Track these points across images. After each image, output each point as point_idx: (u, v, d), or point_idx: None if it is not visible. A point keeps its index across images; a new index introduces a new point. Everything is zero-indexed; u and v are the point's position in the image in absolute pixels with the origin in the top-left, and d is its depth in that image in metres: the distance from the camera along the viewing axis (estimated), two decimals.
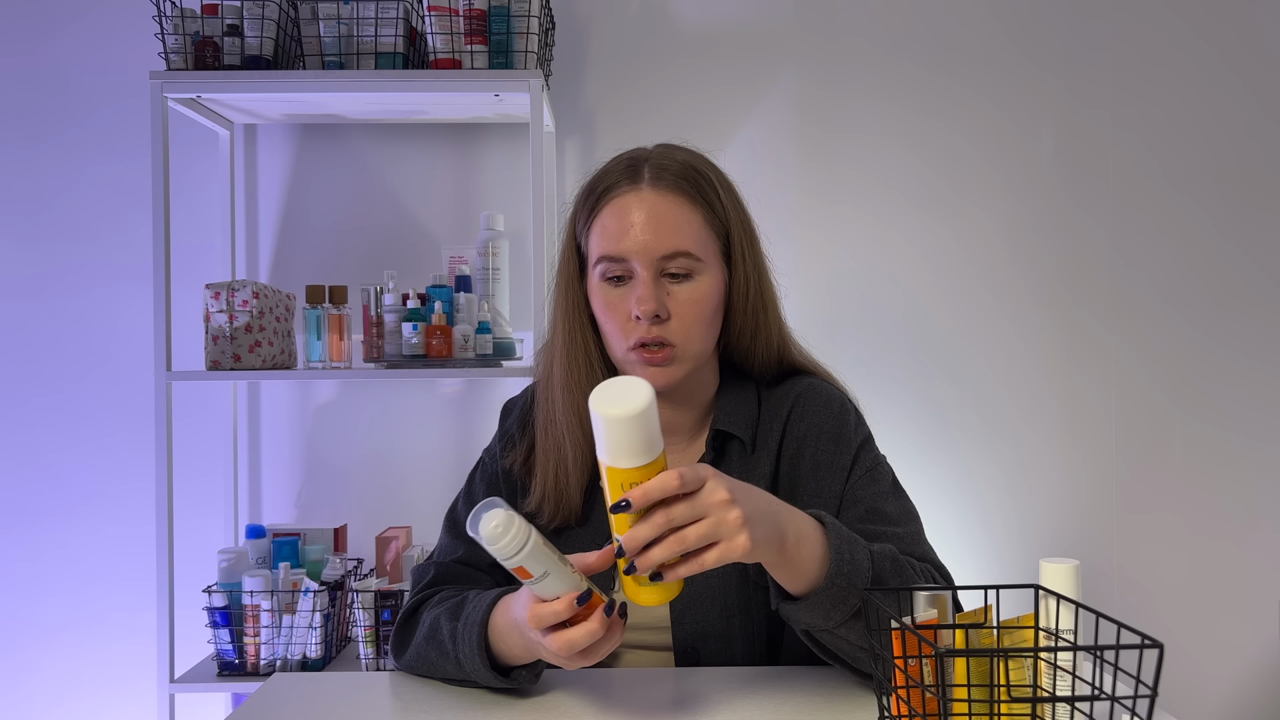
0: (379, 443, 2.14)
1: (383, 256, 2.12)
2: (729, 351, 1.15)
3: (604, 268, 1.05)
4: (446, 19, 1.83)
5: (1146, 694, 0.71)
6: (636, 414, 0.78)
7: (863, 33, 2.15)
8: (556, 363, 1.10)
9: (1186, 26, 2.15)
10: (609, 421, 0.79)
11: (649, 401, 0.79)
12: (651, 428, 0.80)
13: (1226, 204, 2.16)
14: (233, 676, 1.81)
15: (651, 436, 0.80)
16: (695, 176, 1.07)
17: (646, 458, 0.80)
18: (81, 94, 2.12)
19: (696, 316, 1.05)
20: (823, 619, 0.91)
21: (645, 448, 0.80)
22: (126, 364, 2.12)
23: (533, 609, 0.85)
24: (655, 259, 1.03)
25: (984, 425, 2.15)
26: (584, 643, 0.85)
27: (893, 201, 2.14)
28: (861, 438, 1.12)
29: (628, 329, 1.04)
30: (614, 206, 1.05)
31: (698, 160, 1.09)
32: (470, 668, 0.97)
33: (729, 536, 0.82)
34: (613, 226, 1.04)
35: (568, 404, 1.08)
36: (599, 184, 1.08)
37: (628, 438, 0.79)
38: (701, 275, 1.05)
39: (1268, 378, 2.16)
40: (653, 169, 1.06)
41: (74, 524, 2.12)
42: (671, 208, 1.04)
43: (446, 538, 1.15)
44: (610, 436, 0.79)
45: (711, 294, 1.06)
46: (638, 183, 1.05)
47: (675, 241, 1.03)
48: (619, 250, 1.04)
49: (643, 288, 1.03)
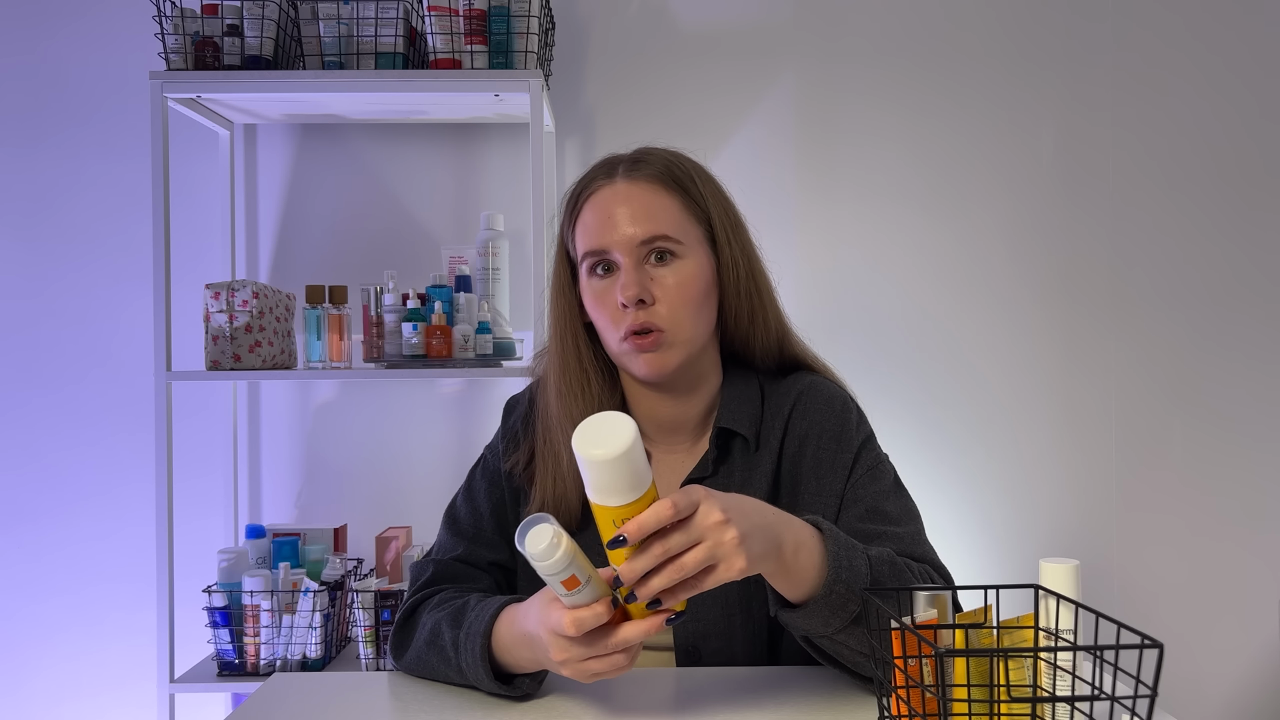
0: (379, 443, 2.14)
1: (383, 256, 2.12)
2: (729, 343, 1.15)
3: (590, 263, 1.07)
4: (446, 19, 1.83)
5: (1146, 694, 0.71)
6: (621, 454, 0.77)
7: (862, 32, 2.15)
8: (551, 368, 1.11)
9: (1186, 27, 2.15)
10: (593, 464, 0.78)
11: (633, 438, 0.78)
12: (637, 463, 0.79)
13: (1226, 204, 2.16)
14: (233, 676, 1.81)
15: (638, 471, 0.79)
16: (670, 167, 1.09)
17: (635, 494, 0.79)
18: (81, 94, 2.12)
19: (683, 299, 1.05)
20: (822, 625, 0.91)
21: (632, 484, 0.79)
22: (126, 364, 2.12)
23: (573, 615, 0.84)
24: (635, 246, 1.04)
25: (984, 425, 2.15)
26: (638, 639, 0.85)
27: (893, 201, 2.14)
28: (863, 436, 1.12)
29: (618, 320, 1.05)
30: (592, 203, 1.07)
31: (673, 155, 1.11)
32: (473, 676, 0.97)
33: (726, 558, 0.82)
34: (592, 222, 1.06)
35: (562, 411, 1.09)
36: (577, 186, 1.11)
37: (614, 477, 0.78)
38: (684, 258, 1.06)
39: (1268, 377, 2.16)
40: (627, 164, 1.09)
41: (74, 524, 2.12)
42: (645, 194, 1.06)
43: (446, 535, 1.14)
44: (597, 477, 0.79)
45: (697, 277, 1.07)
46: (612, 178, 1.08)
47: (652, 227, 1.05)
48: (600, 244, 1.05)
49: (625, 274, 1.04)
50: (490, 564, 1.12)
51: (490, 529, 1.13)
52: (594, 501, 0.81)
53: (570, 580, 0.82)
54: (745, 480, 1.10)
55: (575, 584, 0.82)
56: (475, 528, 1.13)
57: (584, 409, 1.08)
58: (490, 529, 1.13)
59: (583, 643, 0.85)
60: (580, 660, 0.86)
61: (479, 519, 1.13)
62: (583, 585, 0.83)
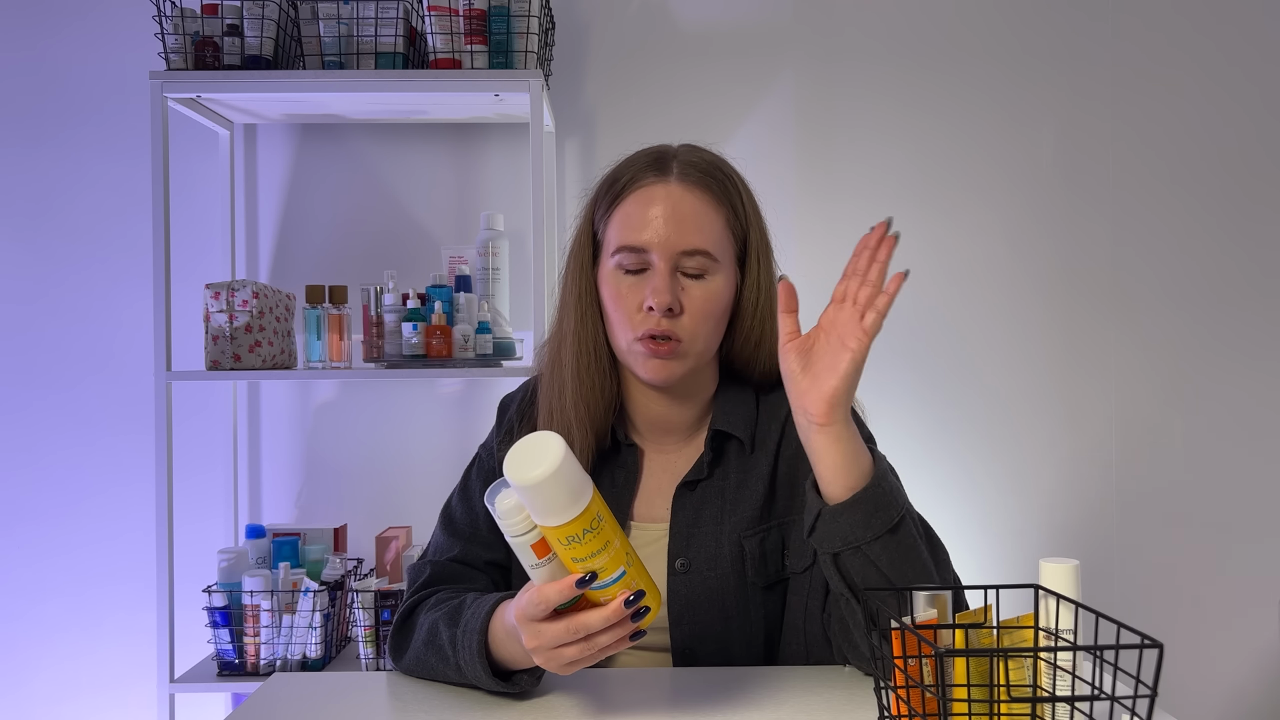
0: (379, 443, 2.14)
1: (383, 256, 2.12)
2: (730, 359, 1.15)
3: (621, 257, 1.05)
4: (446, 19, 1.83)
5: (1146, 694, 0.71)
6: (553, 471, 0.78)
7: (862, 31, 2.15)
8: (566, 349, 1.09)
9: (1187, 24, 2.15)
10: (530, 488, 0.79)
11: (562, 453, 0.79)
12: (573, 477, 0.80)
13: (1227, 201, 2.16)
14: (233, 676, 1.81)
15: (575, 486, 0.80)
16: (722, 177, 1.07)
17: (575, 509, 0.80)
18: (81, 94, 2.12)
19: (707, 314, 1.05)
20: (863, 528, 0.91)
21: (571, 500, 0.80)
22: (126, 364, 2.12)
23: (539, 590, 0.84)
24: (674, 253, 1.03)
25: (984, 425, 2.15)
26: (598, 626, 0.84)
27: (893, 199, 2.14)
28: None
29: (635, 320, 1.04)
30: (638, 196, 1.05)
31: (724, 163, 1.10)
32: (471, 674, 0.97)
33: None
34: (635, 216, 1.04)
35: (577, 392, 1.08)
36: (624, 173, 1.08)
37: (550, 496, 0.79)
38: (715, 276, 1.05)
39: (1268, 376, 2.16)
40: (681, 164, 1.06)
41: (74, 524, 2.12)
42: (696, 204, 1.05)
43: (442, 535, 1.14)
44: (536, 499, 0.80)
45: (723, 295, 1.06)
46: (665, 176, 1.05)
47: (696, 239, 1.04)
48: (640, 241, 1.04)
49: (659, 279, 1.03)
50: (487, 563, 1.12)
51: (486, 529, 1.12)
52: (540, 524, 0.82)
53: (540, 545, 0.83)
54: (741, 483, 1.10)
55: (545, 551, 0.83)
56: (471, 527, 1.13)
57: (595, 392, 1.08)
58: (486, 529, 1.12)
59: (552, 626, 0.85)
60: (551, 647, 0.86)
61: (474, 519, 1.13)
62: (552, 555, 0.84)
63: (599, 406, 1.08)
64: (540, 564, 0.85)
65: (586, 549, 0.82)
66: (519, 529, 0.83)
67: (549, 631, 0.85)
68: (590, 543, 0.82)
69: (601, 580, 0.83)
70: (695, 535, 1.09)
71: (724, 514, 1.09)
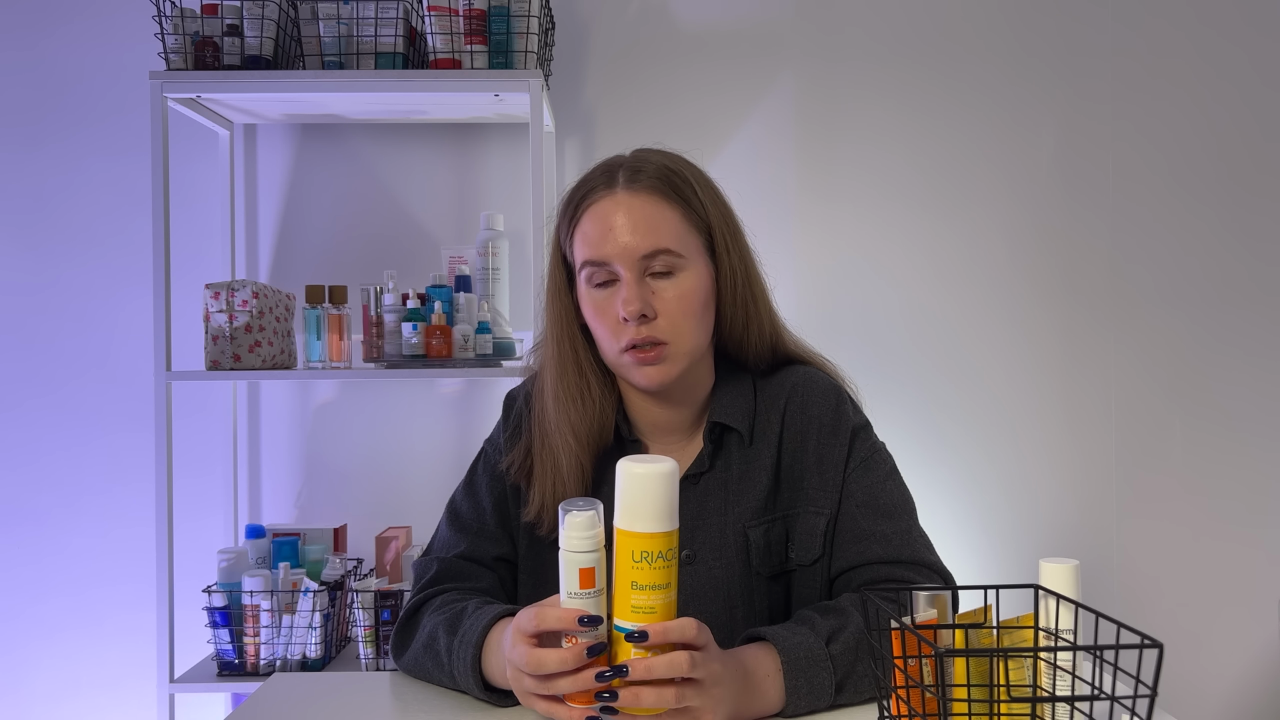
0: (379, 443, 2.14)
1: (383, 256, 2.12)
2: (723, 345, 1.15)
3: (588, 273, 1.06)
4: (446, 19, 1.83)
5: (1146, 694, 0.71)
6: (674, 469, 0.80)
7: (862, 31, 2.15)
8: (547, 372, 1.11)
9: (1187, 25, 2.15)
10: (649, 477, 0.80)
11: (675, 467, 0.81)
12: (675, 497, 0.81)
13: (1227, 201, 2.16)
14: (232, 676, 1.81)
15: (675, 504, 0.82)
16: (669, 175, 1.07)
17: (669, 524, 0.81)
18: (81, 94, 2.12)
19: (684, 312, 1.05)
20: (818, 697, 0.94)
21: (669, 513, 0.81)
22: (126, 364, 2.12)
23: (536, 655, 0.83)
24: (637, 259, 1.03)
25: (984, 425, 2.15)
26: (553, 668, 0.83)
27: (893, 199, 2.14)
28: (857, 425, 1.13)
29: (618, 331, 1.05)
30: (592, 212, 1.06)
31: (672, 160, 1.10)
32: (465, 685, 0.97)
33: (704, 708, 0.85)
34: (593, 232, 1.05)
35: (559, 414, 1.09)
36: (577, 192, 1.09)
37: (655, 499, 0.80)
38: (685, 271, 1.06)
39: (1268, 376, 2.16)
40: (627, 172, 1.07)
41: (74, 524, 2.12)
42: (647, 207, 1.05)
43: (448, 531, 1.14)
44: (644, 495, 0.80)
45: (698, 289, 1.06)
46: (613, 186, 1.06)
47: (654, 240, 1.04)
48: (601, 254, 1.04)
49: (627, 289, 1.03)
50: (494, 559, 1.12)
51: (493, 523, 1.12)
52: (621, 528, 0.81)
53: (588, 574, 0.82)
54: (743, 474, 1.11)
55: (590, 584, 0.82)
56: (478, 522, 1.13)
57: (583, 414, 1.08)
58: (493, 523, 1.12)
59: (523, 648, 0.85)
60: (515, 667, 0.86)
61: (481, 514, 1.13)
62: (596, 590, 0.82)
63: (584, 428, 1.09)
64: (577, 594, 0.82)
65: (652, 576, 0.81)
66: (582, 545, 0.81)
67: (518, 652, 0.85)
68: (659, 571, 0.81)
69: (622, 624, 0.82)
70: (700, 526, 1.10)
71: (728, 505, 1.10)
